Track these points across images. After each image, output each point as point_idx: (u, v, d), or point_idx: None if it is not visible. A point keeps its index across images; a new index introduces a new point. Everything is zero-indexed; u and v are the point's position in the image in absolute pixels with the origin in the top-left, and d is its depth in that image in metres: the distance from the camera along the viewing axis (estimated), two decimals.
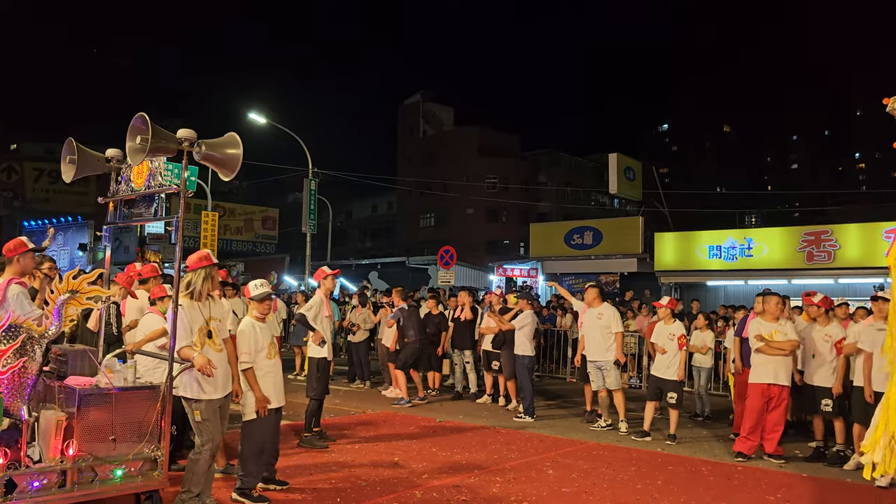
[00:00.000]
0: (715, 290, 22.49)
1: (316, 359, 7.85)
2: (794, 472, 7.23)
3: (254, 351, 5.61)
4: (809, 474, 7.16)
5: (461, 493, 6.01)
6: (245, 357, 5.57)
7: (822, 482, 6.88)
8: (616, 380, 9.12)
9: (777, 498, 6.23)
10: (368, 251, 52.24)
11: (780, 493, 6.39)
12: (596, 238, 23.71)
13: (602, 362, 9.12)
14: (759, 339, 7.63)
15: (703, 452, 8.06)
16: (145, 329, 6.27)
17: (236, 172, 5.02)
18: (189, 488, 4.97)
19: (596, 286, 9.61)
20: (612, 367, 9.09)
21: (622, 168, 25.41)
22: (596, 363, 9.19)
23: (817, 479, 7.01)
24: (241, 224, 38.45)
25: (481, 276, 27.11)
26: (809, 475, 7.13)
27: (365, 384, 12.70)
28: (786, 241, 19.62)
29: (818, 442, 7.98)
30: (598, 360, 9.14)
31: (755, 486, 6.64)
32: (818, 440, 8.00)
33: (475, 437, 8.47)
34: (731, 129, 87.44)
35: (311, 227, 24.30)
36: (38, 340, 4.28)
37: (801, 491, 6.50)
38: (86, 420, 4.34)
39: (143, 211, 5.55)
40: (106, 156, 5.64)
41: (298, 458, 7.09)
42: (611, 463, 7.33)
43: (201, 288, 5.05)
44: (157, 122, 4.64)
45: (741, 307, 11.57)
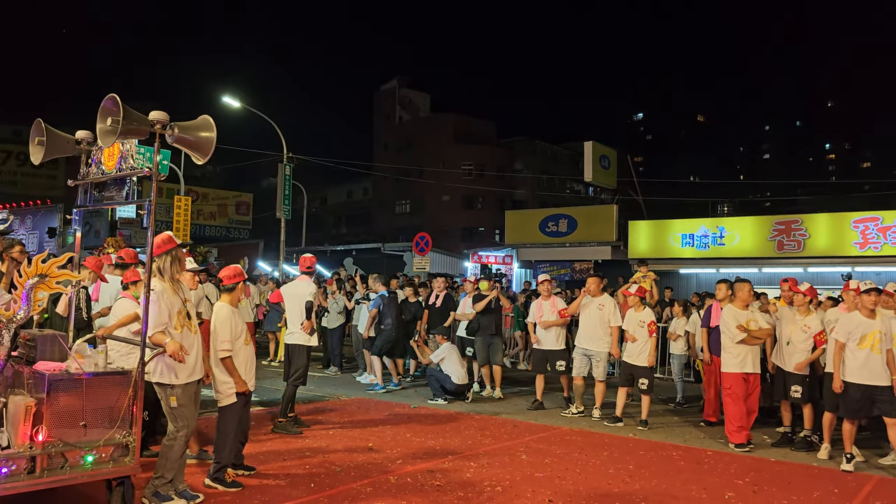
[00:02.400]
0: (687, 277, 22.74)
1: (306, 346, 7.89)
2: (762, 457, 7.36)
3: (231, 337, 5.57)
4: (777, 459, 7.30)
5: (435, 478, 6.04)
6: (226, 345, 5.53)
7: (790, 466, 7.02)
8: (604, 371, 9.21)
9: (745, 482, 6.34)
10: (343, 237, 52.05)
11: (748, 477, 6.51)
12: (571, 226, 23.83)
13: (595, 352, 9.18)
14: (741, 330, 7.70)
15: (674, 438, 8.17)
16: (118, 314, 6.20)
17: (210, 156, 4.95)
18: (162, 474, 4.94)
19: (598, 276, 9.68)
20: (604, 358, 9.20)
21: (597, 156, 25.51)
22: (587, 351, 9.23)
23: (784, 463, 7.15)
24: (215, 209, 38.05)
25: (456, 263, 27.15)
26: (777, 460, 7.27)
27: (339, 370, 12.68)
28: (757, 230, 19.88)
29: (785, 427, 8.12)
30: (591, 349, 9.19)
31: (724, 470, 6.75)
32: (785, 426, 8.14)
33: (449, 422, 8.51)
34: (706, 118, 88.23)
35: (286, 213, 24.13)
36: (6, 325, 4.21)
37: (769, 475, 6.62)
38: (56, 405, 4.28)
39: (115, 194, 5.46)
40: (76, 138, 5.53)
41: (272, 443, 7.07)
42: (583, 448, 7.41)
43: (170, 271, 5.00)
44: (129, 105, 4.55)
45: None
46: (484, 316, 10.63)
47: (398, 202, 52.26)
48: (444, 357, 9.99)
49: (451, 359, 9.97)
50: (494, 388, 10.57)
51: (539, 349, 9.83)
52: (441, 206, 47.97)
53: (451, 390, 9.85)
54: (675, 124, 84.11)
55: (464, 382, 9.95)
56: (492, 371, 10.63)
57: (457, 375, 9.87)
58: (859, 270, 17.74)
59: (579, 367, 9.34)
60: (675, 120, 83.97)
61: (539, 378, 9.79)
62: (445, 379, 9.87)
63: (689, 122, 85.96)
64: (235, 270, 5.85)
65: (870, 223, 18.01)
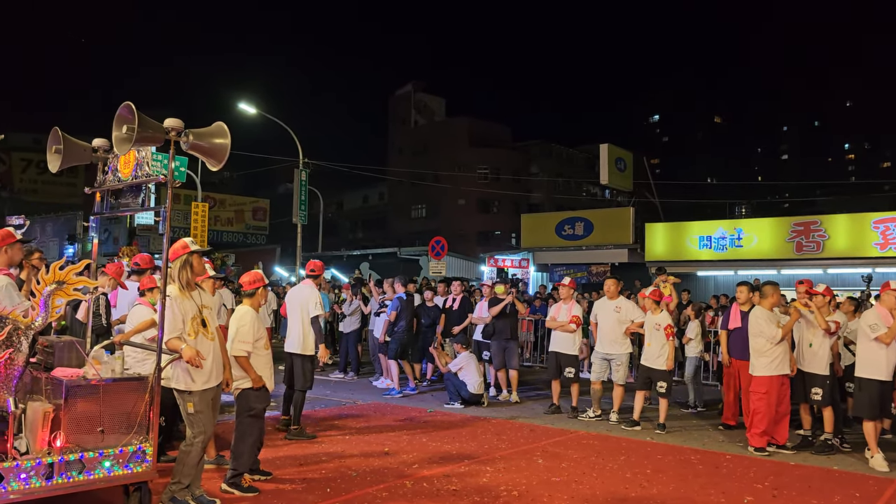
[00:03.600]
0: (705, 280, 22.59)
1: (307, 355, 7.81)
2: (782, 461, 7.28)
3: (252, 339, 5.60)
4: (796, 463, 7.22)
5: (451, 482, 6.02)
6: (247, 346, 5.56)
7: (810, 470, 6.93)
8: (624, 375, 9.16)
9: (765, 486, 6.27)
10: (360, 242, 52.15)
11: (767, 481, 6.44)
12: (587, 229, 23.75)
13: (615, 355, 9.13)
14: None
15: (692, 441, 8.10)
16: (134, 320, 6.25)
17: (224, 162, 4.98)
18: (179, 479, 4.96)
19: (615, 278, 9.64)
20: (624, 362, 9.15)
21: (613, 159, 25.44)
22: (607, 356, 9.19)
23: (804, 467, 7.06)
24: (232, 215, 38.29)
25: (472, 267, 27.12)
26: (796, 464, 7.19)
27: (355, 375, 12.70)
28: (775, 232, 19.72)
29: (805, 431, 8.03)
30: (611, 352, 9.15)
31: (743, 474, 6.68)
32: (805, 429, 8.05)
33: (465, 427, 8.49)
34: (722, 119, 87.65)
35: (302, 218, 24.22)
36: (25, 332, 4.25)
37: (789, 479, 6.54)
38: (73, 411, 4.32)
39: (131, 201, 5.50)
40: (93, 146, 5.59)
41: (288, 448, 7.09)
42: (600, 452, 7.36)
43: (179, 276, 5.02)
44: (145, 112, 4.59)
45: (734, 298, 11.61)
46: (500, 320, 10.61)
47: (414, 206, 52.34)
48: (462, 367, 9.98)
49: (469, 368, 9.95)
50: (511, 392, 10.54)
51: (552, 352, 9.81)
52: (457, 210, 47.99)
53: (467, 398, 9.83)
54: (691, 126, 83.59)
55: (479, 392, 9.94)
56: (508, 375, 10.61)
57: (473, 384, 9.85)
58: (880, 271, 17.55)
59: (598, 371, 9.29)
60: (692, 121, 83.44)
61: (555, 382, 9.74)
62: (461, 386, 9.85)
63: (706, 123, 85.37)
64: (255, 276, 5.88)
65: (890, 223, 17.81)
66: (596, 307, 9.59)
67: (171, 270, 5.00)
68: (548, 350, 10.38)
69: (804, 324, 7.96)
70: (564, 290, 9.96)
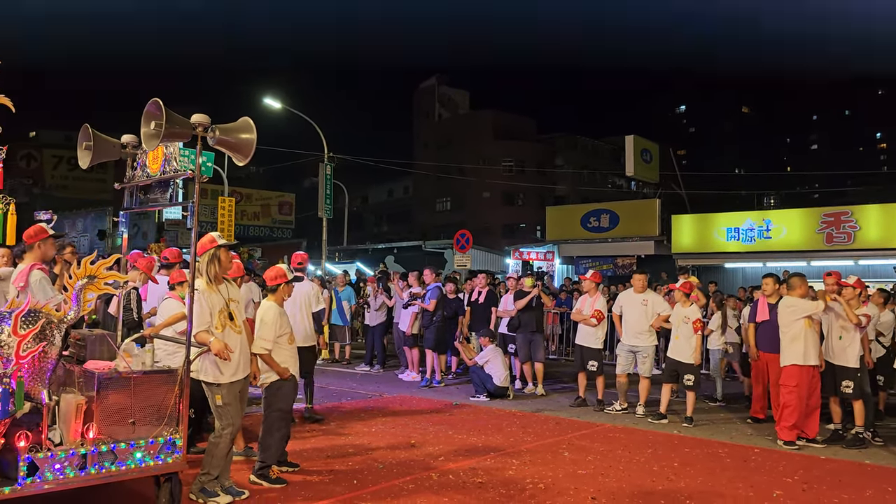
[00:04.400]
0: (733, 272, 22.37)
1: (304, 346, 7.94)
2: (812, 455, 7.20)
3: (274, 336, 5.64)
4: (827, 457, 7.13)
5: (477, 475, 6.04)
6: (267, 344, 5.59)
7: (840, 464, 6.85)
8: (649, 367, 9.13)
9: (795, 480, 6.21)
10: (385, 235, 52.35)
11: (797, 474, 6.37)
12: (613, 221, 23.62)
13: (640, 348, 9.13)
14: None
15: (719, 435, 8.04)
16: (164, 314, 6.34)
17: (250, 157, 5.02)
18: (208, 471, 5.04)
19: (643, 273, 9.60)
20: (650, 354, 9.14)
21: (639, 150, 25.24)
22: (633, 348, 9.18)
23: (835, 461, 6.98)
24: (258, 209, 38.59)
25: (497, 260, 27.09)
26: (827, 457, 7.10)
27: (381, 368, 12.76)
28: (805, 223, 19.46)
29: (836, 424, 7.93)
30: (637, 344, 9.14)
31: (773, 467, 6.62)
32: (836, 423, 7.94)
33: (491, 420, 8.50)
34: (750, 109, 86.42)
35: (328, 212, 24.31)
36: (58, 325, 4.32)
37: (819, 473, 6.47)
38: (105, 403, 4.39)
39: (159, 196, 5.58)
40: (122, 142, 5.67)
41: (315, 440, 7.16)
42: (627, 445, 7.33)
43: (207, 270, 5.07)
44: (171, 108, 4.64)
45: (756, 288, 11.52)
46: (525, 313, 10.59)
47: (439, 200, 52.37)
48: (488, 360, 9.99)
49: (494, 361, 9.96)
50: (536, 384, 10.53)
51: (577, 345, 9.80)
52: (481, 204, 47.94)
53: (492, 391, 9.84)
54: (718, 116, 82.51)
55: (505, 385, 9.94)
56: (533, 368, 10.60)
57: (499, 377, 9.86)
58: None
59: (624, 363, 9.26)
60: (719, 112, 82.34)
61: (581, 375, 9.71)
62: (487, 379, 9.87)
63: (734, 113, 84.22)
64: (278, 272, 5.89)
65: None
66: (622, 299, 9.54)
67: (198, 264, 5.06)
68: (573, 343, 10.36)
69: (833, 316, 7.85)
70: (587, 284, 9.94)
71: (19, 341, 4.13)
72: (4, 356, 4.07)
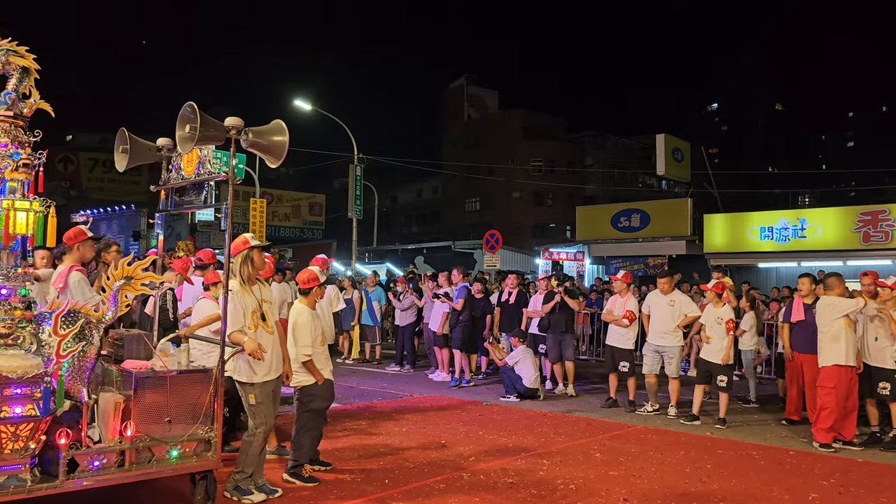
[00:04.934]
0: (766, 272, 22.05)
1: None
2: (849, 458, 7.08)
3: (311, 341, 5.67)
4: (864, 460, 7.01)
5: (508, 475, 6.04)
6: (308, 349, 5.61)
7: (879, 467, 6.73)
8: (676, 368, 9.07)
9: (831, 483, 6.11)
10: (414, 236, 52.48)
11: (833, 477, 6.27)
12: (643, 220, 23.42)
13: (667, 348, 9.06)
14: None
15: (753, 436, 7.94)
16: (199, 314, 6.44)
17: (283, 159, 5.08)
18: (242, 469, 5.11)
19: (669, 276, 9.54)
20: (676, 354, 9.07)
21: (670, 149, 25.02)
22: (659, 348, 9.12)
23: (873, 464, 6.85)
24: (289, 210, 38.91)
25: (528, 260, 27.04)
26: (864, 460, 6.98)
27: (411, 368, 12.81)
28: (841, 222, 19.10)
29: (873, 427, 7.79)
30: (663, 345, 9.08)
31: (808, 470, 6.52)
32: (873, 425, 7.80)
33: (522, 420, 8.49)
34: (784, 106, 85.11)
35: (357, 213, 24.50)
36: (96, 325, 4.42)
37: (857, 476, 6.36)
38: (142, 402, 4.48)
39: (194, 198, 5.67)
40: (157, 145, 5.78)
41: (347, 439, 7.21)
42: (659, 447, 7.27)
43: (240, 271, 5.14)
44: (203, 110, 4.72)
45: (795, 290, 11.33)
46: (555, 314, 10.56)
47: (468, 200, 52.35)
48: (518, 360, 9.97)
49: (525, 362, 9.95)
50: (566, 384, 10.49)
51: (608, 345, 9.75)
52: (511, 204, 47.83)
53: (522, 392, 9.83)
54: (751, 114, 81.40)
55: (535, 386, 9.92)
56: (564, 368, 10.56)
57: (529, 378, 9.84)
58: None
59: (650, 364, 9.20)
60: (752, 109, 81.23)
61: (612, 376, 9.66)
62: (517, 380, 9.85)
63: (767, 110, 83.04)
64: (311, 275, 5.86)
65: None
66: (649, 299, 9.48)
67: (232, 265, 5.13)
68: (604, 343, 10.30)
69: (868, 317, 7.72)
70: (618, 284, 9.91)
71: (59, 341, 4.24)
72: (46, 355, 4.17)
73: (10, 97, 4.21)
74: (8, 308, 4.10)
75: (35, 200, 4.21)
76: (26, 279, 4.25)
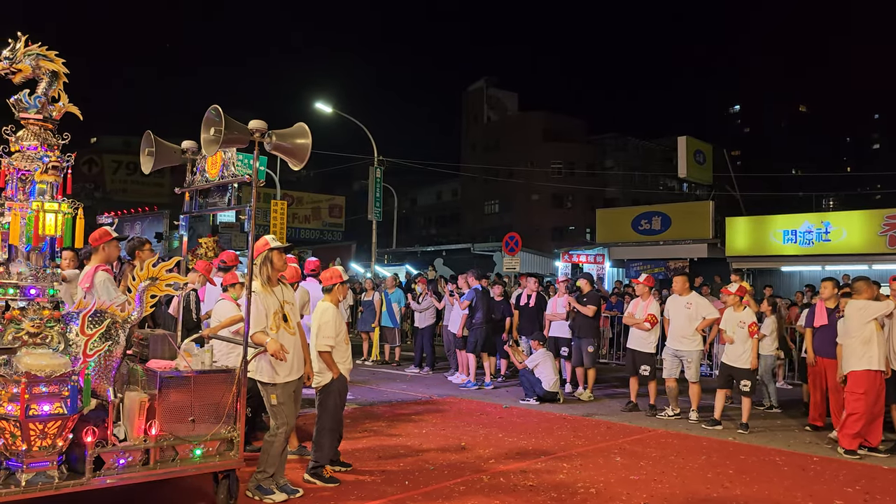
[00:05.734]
0: (790, 275, 21.82)
1: None
2: (875, 465, 6.99)
3: (335, 335, 5.73)
4: (890, 467, 6.91)
5: (528, 478, 6.03)
6: (329, 341, 5.68)
7: None
8: (696, 372, 8.98)
9: (856, 490, 6.04)
10: (433, 238, 52.49)
11: (858, 484, 6.19)
12: (664, 223, 23.26)
13: (685, 352, 8.96)
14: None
15: (776, 442, 7.87)
16: (219, 315, 6.50)
17: (305, 162, 5.13)
18: (264, 469, 5.15)
19: (684, 274, 9.48)
20: (696, 359, 8.96)
21: (692, 151, 24.81)
22: (677, 352, 9.03)
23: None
24: (309, 212, 39.13)
25: (547, 263, 26.95)
26: (890, 468, 6.88)
27: (430, 370, 12.83)
28: (866, 225, 18.85)
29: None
30: (681, 349, 8.98)
31: (832, 477, 6.45)
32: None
33: (542, 423, 8.47)
34: (808, 108, 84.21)
35: (377, 215, 24.58)
36: (122, 325, 4.48)
37: (882, 483, 6.28)
38: (167, 401, 4.53)
39: (217, 200, 5.74)
40: (182, 147, 5.85)
41: (367, 440, 7.24)
42: (680, 451, 7.23)
43: (261, 272, 5.19)
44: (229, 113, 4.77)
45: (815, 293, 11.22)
46: (580, 316, 10.53)
47: (487, 202, 52.32)
48: (538, 364, 9.96)
49: (544, 365, 9.93)
50: (586, 387, 10.44)
51: (629, 349, 9.70)
52: (530, 206, 47.72)
53: (541, 395, 9.81)
54: (774, 115, 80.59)
55: (555, 390, 9.90)
56: (586, 373, 10.52)
57: (548, 381, 9.82)
58: None
59: (670, 368, 9.13)
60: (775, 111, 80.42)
61: (633, 380, 9.61)
62: (536, 383, 9.84)
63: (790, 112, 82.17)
64: (333, 273, 5.98)
65: None
66: (668, 303, 9.42)
67: (254, 266, 5.18)
68: (625, 347, 10.25)
69: (894, 321, 7.61)
70: (640, 288, 9.84)
71: (86, 340, 4.30)
72: (73, 355, 4.24)
73: (40, 101, 4.29)
74: (37, 308, 4.18)
75: (64, 202, 4.28)
76: (55, 279, 4.32)
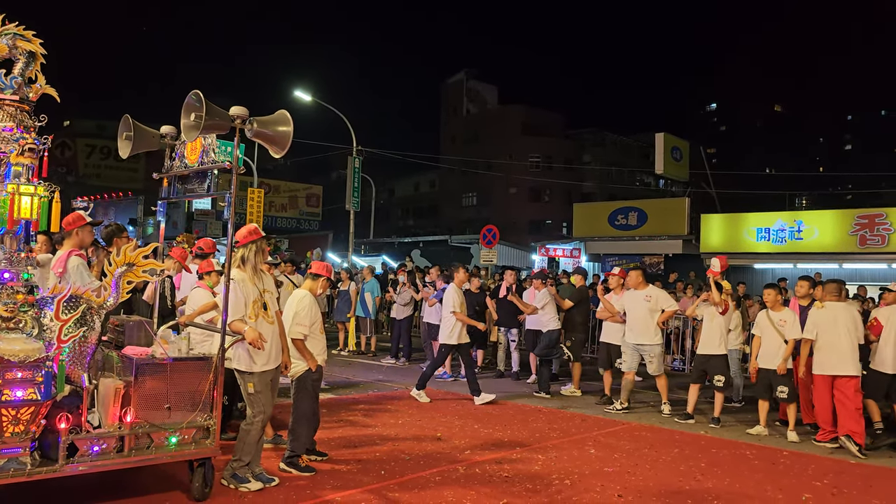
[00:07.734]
0: (762, 272, 22.12)
1: None
2: (842, 459, 7.12)
3: (310, 323, 5.74)
4: (857, 461, 7.04)
5: (503, 469, 6.07)
6: (303, 329, 5.69)
7: (872, 469, 6.77)
8: (659, 366, 9.00)
9: (824, 483, 6.15)
10: (411, 229, 52.41)
11: (826, 478, 6.31)
12: (641, 219, 23.47)
13: (646, 346, 8.95)
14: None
15: (747, 436, 7.98)
16: (193, 303, 6.43)
17: (286, 149, 5.09)
18: (240, 457, 5.12)
19: (639, 268, 9.52)
20: (658, 354, 8.97)
21: (669, 148, 25.06)
22: (638, 346, 9.03)
23: (866, 465, 6.89)
24: (286, 201, 38.88)
25: (524, 256, 27.06)
26: (857, 462, 7.00)
27: (407, 361, 12.82)
28: (838, 225, 19.18)
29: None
30: (643, 343, 8.97)
31: (801, 471, 6.56)
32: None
33: (517, 415, 8.52)
34: (783, 108, 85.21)
35: (355, 205, 24.48)
36: (98, 311, 4.43)
37: (850, 477, 6.40)
38: (142, 388, 4.49)
39: (196, 187, 5.68)
40: (161, 132, 5.77)
41: (343, 430, 7.23)
42: (653, 444, 7.31)
43: (255, 261, 5.16)
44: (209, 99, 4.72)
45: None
46: (569, 311, 10.60)
47: (465, 195, 52.33)
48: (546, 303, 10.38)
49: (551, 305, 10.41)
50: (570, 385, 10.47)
51: (603, 342, 9.76)
52: (508, 199, 47.80)
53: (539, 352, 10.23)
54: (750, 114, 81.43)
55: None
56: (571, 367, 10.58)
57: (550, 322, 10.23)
58: None
59: (630, 361, 9.10)
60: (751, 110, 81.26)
61: (607, 373, 9.68)
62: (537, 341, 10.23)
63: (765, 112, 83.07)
64: (327, 267, 6.13)
65: None
66: (624, 298, 9.38)
67: (242, 253, 5.13)
68: (598, 340, 10.32)
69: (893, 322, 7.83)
70: (614, 280, 9.88)
71: (61, 326, 4.24)
72: (47, 340, 4.18)
73: (17, 81, 4.21)
74: (10, 292, 4.11)
75: (40, 185, 4.21)
76: (29, 263, 4.25)
